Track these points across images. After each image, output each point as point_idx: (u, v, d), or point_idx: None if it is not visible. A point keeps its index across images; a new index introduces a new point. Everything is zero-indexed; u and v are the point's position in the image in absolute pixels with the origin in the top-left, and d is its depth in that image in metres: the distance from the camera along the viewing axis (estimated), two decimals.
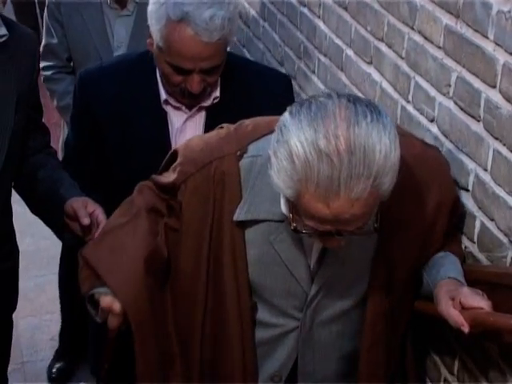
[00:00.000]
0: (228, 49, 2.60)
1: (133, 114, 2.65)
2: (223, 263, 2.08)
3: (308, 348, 2.17)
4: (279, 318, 2.14)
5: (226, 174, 2.06)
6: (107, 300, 2.12)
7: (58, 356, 3.84)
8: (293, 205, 1.87)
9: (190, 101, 2.60)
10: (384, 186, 1.80)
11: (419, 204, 2.06)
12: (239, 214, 2.05)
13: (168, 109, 2.65)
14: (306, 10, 3.12)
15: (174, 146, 2.58)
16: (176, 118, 2.66)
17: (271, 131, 2.01)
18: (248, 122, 2.15)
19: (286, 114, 1.85)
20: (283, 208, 1.97)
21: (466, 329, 1.96)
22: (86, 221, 2.43)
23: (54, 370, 3.80)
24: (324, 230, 1.85)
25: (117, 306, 2.11)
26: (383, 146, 1.77)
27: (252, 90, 2.66)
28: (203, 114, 2.66)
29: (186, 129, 2.66)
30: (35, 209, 2.65)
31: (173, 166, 2.16)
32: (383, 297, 2.11)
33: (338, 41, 2.88)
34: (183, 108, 2.64)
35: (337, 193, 1.76)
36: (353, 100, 1.81)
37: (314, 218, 1.83)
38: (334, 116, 1.77)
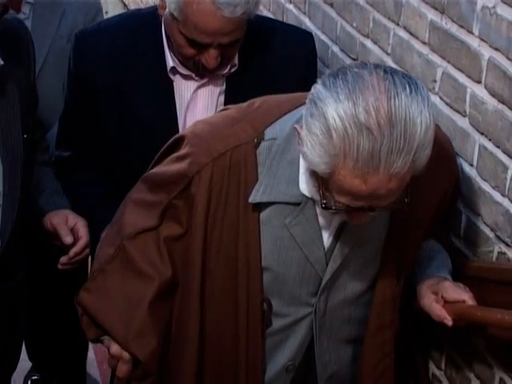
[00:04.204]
0: None
1: (134, 84, 2.41)
2: (238, 249, 2.01)
3: (324, 335, 2.12)
4: (290, 306, 2.09)
5: (242, 162, 1.98)
6: (116, 348, 2.09)
7: (34, 368, 3.67)
8: (323, 181, 1.81)
9: (203, 73, 2.38)
10: (421, 160, 1.75)
11: (430, 186, 2.00)
12: (255, 196, 1.97)
13: (175, 78, 2.41)
14: (291, 7, 3.12)
15: (182, 121, 2.44)
16: (185, 88, 2.42)
17: (285, 113, 1.97)
18: (258, 103, 2.06)
19: (319, 87, 1.77)
20: (304, 188, 1.93)
21: (449, 322, 1.96)
22: (68, 240, 2.31)
23: (29, 382, 3.65)
24: (357, 206, 1.80)
25: (126, 354, 2.09)
26: (423, 119, 1.72)
27: (274, 54, 2.46)
28: (219, 82, 2.43)
29: (197, 98, 2.44)
30: None
31: (178, 154, 2.04)
32: (393, 281, 2.07)
33: (323, 37, 2.88)
34: (193, 76, 2.41)
35: (376, 168, 1.71)
36: (390, 71, 1.75)
37: (348, 194, 1.77)
38: (373, 88, 1.71)
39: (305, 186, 1.94)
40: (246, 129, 2.00)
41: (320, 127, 1.73)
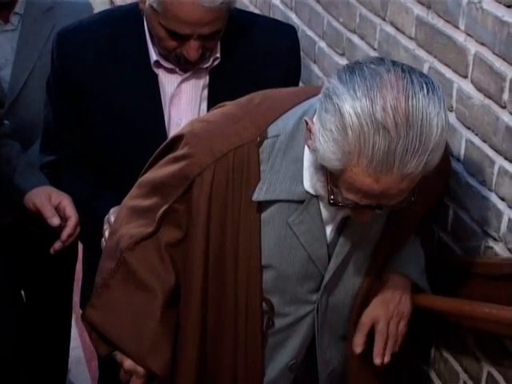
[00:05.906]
0: None
1: (118, 79, 2.39)
2: (238, 248, 1.98)
3: (325, 332, 2.11)
4: (291, 305, 2.07)
5: (245, 162, 1.94)
6: (130, 363, 2.08)
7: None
8: (332, 176, 1.78)
9: (185, 66, 2.37)
10: (434, 160, 1.73)
11: (426, 182, 1.94)
12: (258, 194, 1.93)
13: (159, 72, 2.40)
14: (278, 2, 3.12)
15: (167, 115, 2.43)
16: (168, 83, 2.41)
17: (287, 109, 1.94)
18: (259, 99, 2.02)
19: (335, 81, 1.73)
20: (308, 185, 1.91)
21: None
22: (55, 221, 2.20)
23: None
24: (365, 203, 1.78)
25: (141, 369, 2.07)
26: (440, 121, 1.70)
27: (256, 47, 2.45)
28: (203, 75, 2.42)
29: (181, 92, 2.43)
30: None
31: (176, 155, 1.97)
32: (379, 273, 2.07)
33: (310, 33, 2.88)
34: (177, 70, 2.40)
35: (390, 168, 1.68)
36: (407, 69, 1.73)
37: (358, 192, 1.75)
38: (391, 86, 1.68)
39: (309, 182, 1.91)
40: (248, 127, 1.95)
41: (335, 123, 1.70)
